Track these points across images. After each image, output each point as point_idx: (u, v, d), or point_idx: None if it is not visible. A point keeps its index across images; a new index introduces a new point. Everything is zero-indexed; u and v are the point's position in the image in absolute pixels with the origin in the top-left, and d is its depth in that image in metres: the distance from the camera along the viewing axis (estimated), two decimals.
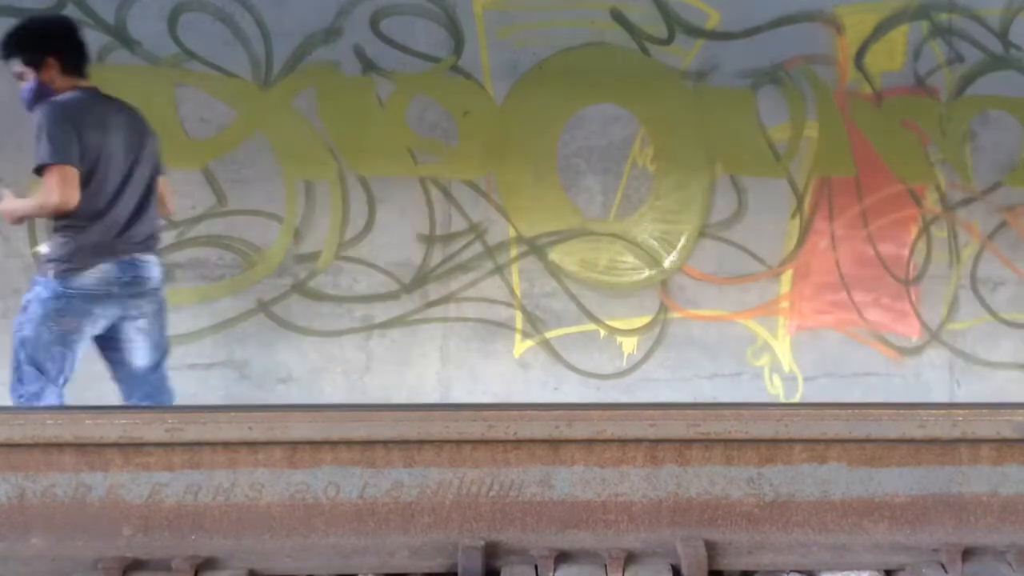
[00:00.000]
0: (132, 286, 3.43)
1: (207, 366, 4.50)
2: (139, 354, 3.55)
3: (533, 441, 1.99)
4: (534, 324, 4.62)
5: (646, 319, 4.66)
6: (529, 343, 4.63)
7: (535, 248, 4.61)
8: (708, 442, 2.01)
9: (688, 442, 2.01)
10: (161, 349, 3.61)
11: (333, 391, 4.55)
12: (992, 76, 4.66)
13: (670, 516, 2.01)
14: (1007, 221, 4.74)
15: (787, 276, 4.70)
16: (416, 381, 4.60)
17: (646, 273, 4.65)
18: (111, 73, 4.34)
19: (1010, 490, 2.05)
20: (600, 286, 4.64)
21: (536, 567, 1.87)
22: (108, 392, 3.64)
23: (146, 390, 3.59)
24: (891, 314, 4.71)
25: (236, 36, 4.42)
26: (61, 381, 3.37)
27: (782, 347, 4.69)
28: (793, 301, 4.71)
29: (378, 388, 4.58)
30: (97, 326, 3.43)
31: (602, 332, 4.64)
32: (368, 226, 4.54)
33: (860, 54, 4.65)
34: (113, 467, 1.93)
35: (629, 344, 4.65)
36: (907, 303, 4.74)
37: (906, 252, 4.71)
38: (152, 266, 3.49)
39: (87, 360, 3.52)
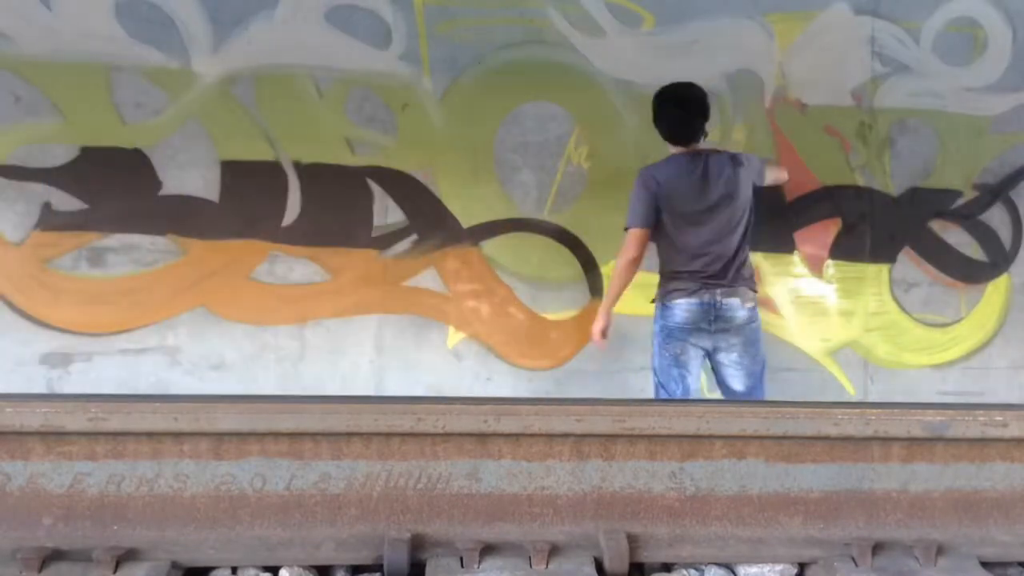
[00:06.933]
0: (714, 322, 3.80)
1: (138, 351, 4.43)
2: (734, 381, 3.89)
3: (461, 435, 2.01)
4: (468, 316, 4.64)
5: (577, 312, 4.71)
6: (463, 335, 4.65)
7: (470, 240, 4.62)
8: (632, 437, 2.05)
9: (613, 437, 2.05)
10: (754, 376, 3.90)
11: (266, 379, 4.52)
12: (910, 86, 4.80)
13: (594, 509, 2.05)
14: (921, 225, 4.90)
15: None
16: (350, 370, 4.59)
17: (578, 267, 4.69)
18: (45, 59, 4.26)
19: (919, 487, 2.13)
20: (533, 279, 4.68)
21: (461, 559, 1.89)
22: None
23: None
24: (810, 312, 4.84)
25: (174, 21, 4.35)
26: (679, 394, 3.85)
27: None
28: None
29: (312, 377, 4.55)
30: (694, 354, 3.86)
31: (534, 324, 4.68)
32: (304, 215, 4.51)
33: (787, 61, 4.75)
34: (34, 456, 1.91)
35: (560, 337, 4.70)
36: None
37: (825, 253, 4.84)
38: (732, 306, 3.80)
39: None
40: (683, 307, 3.81)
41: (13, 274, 4.32)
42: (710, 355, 3.91)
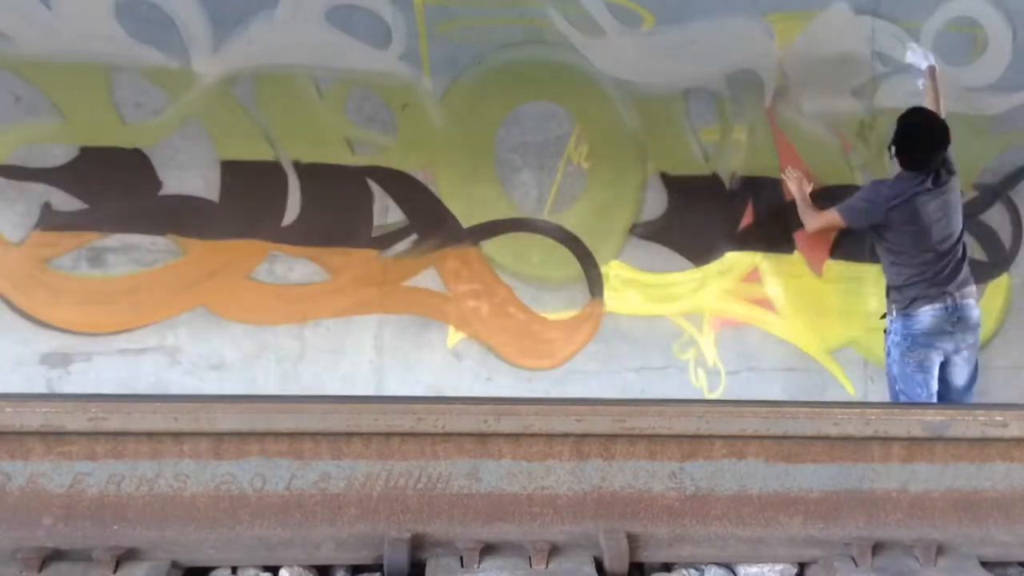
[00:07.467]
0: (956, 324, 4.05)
1: (138, 352, 4.43)
2: (959, 378, 4.16)
3: (461, 435, 2.01)
4: (468, 316, 4.64)
5: (577, 312, 4.71)
6: (463, 335, 4.64)
7: (470, 240, 4.62)
8: (632, 437, 2.05)
9: (613, 437, 2.05)
10: (975, 376, 4.20)
11: (266, 379, 4.51)
12: (911, 86, 4.76)
13: (594, 509, 2.05)
14: None
15: (713, 273, 4.79)
16: (350, 370, 4.58)
17: (578, 267, 4.69)
18: (45, 59, 4.26)
19: (919, 487, 2.13)
20: (533, 279, 4.67)
21: (461, 559, 1.89)
22: None
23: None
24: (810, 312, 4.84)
25: (174, 21, 4.35)
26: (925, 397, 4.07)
27: (707, 342, 4.78)
28: (718, 298, 4.80)
29: (312, 377, 4.54)
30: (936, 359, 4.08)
31: (534, 324, 4.68)
32: (304, 215, 4.51)
33: (787, 61, 4.75)
34: (34, 456, 1.91)
35: (560, 337, 4.70)
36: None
37: (825, 253, 4.83)
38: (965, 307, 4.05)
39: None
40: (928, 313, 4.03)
41: (13, 274, 4.32)
42: (948, 357, 4.10)
